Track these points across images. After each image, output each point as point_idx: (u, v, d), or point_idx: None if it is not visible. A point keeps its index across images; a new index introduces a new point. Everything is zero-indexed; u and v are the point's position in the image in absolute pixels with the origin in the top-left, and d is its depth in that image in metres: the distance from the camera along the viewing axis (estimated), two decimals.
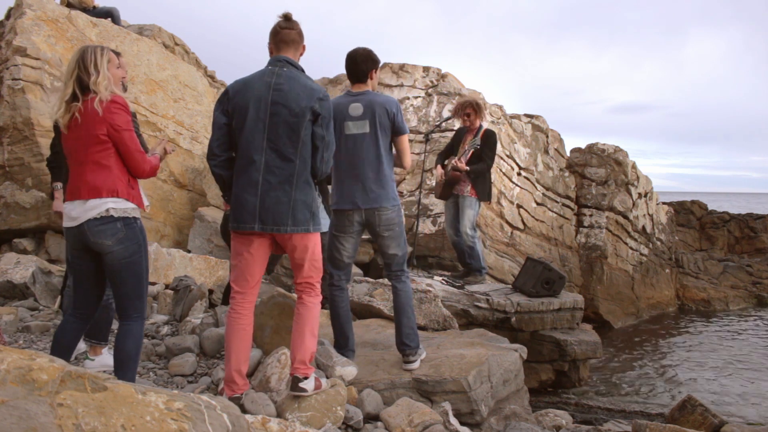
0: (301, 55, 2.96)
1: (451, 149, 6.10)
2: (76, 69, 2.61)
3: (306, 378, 2.85)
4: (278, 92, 2.76)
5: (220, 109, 2.84)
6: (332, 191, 3.56)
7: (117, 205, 2.63)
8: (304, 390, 2.83)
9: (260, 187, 2.76)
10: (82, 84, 2.60)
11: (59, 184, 4.04)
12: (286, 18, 2.89)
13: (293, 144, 2.77)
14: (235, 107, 2.80)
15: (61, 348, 2.85)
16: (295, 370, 2.87)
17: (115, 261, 2.66)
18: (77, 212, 2.63)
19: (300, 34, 2.90)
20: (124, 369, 2.74)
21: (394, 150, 3.57)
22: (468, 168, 5.70)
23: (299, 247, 2.86)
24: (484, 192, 5.90)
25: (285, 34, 2.86)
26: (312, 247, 2.89)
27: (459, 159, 5.72)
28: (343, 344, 3.59)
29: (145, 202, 2.81)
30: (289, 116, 2.75)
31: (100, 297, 2.90)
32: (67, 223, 2.70)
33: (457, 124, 6.41)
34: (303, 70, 2.90)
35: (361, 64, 3.43)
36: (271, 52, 2.93)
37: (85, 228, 2.61)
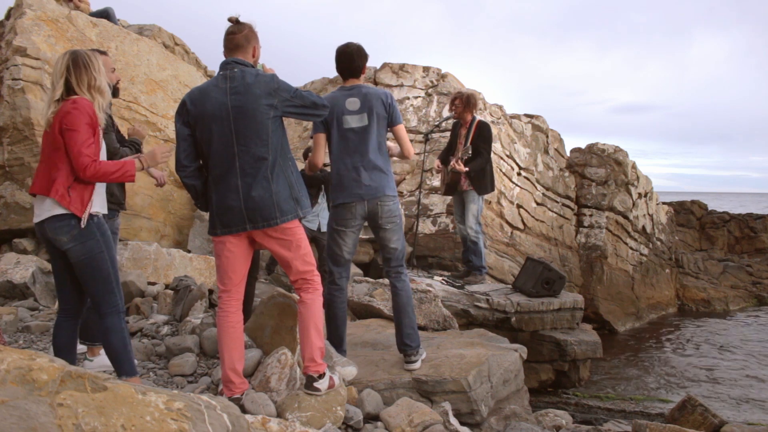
0: (256, 55, 2.92)
1: (450, 147, 6.14)
2: (70, 72, 2.67)
3: (320, 376, 2.88)
4: (235, 95, 2.75)
5: (181, 121, 2.84)
6: (333, 187, 3.55)
7: (56, 209, 2.63)
8: (318, 390, 2.86)
9: (241, 191, 2.78)
10: (69, 86, 2.67)
11: None
12: (233, 22, 2.86)
13: (263, 142, 2.78)
14: (196, 118, 2.80)
15: (60, 349, 2.87)
16: (306, 368, 2.90)
17: (75, 258, 2.68)
18: (37, 209, 2.69)
19: (247, 37, 2.85)
20: (117, 363, 2.78)
21: (389, 143, 3.61)
22: (467, 169, 5.73)
23: (283, 239, 2.85)
24: (483, 186, 5.94)
25: (230, 40, 2.85)
26: (296, 241, 2.89)
27: (457, 161, 5.74)
28: (337, 344, 3.59)
29: (92, 210, 2.71)
30: (252, 116, 2.75)
31: (81, 291, 2.88)
32: (34, 219, 2.75)
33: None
34: (253, 66, 2.88)
35: (356, 60, 3.45)
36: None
37: (44, 225, 2.66)
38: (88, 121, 2.65)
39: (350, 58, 3.43)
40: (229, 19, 2.87)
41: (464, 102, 5.92)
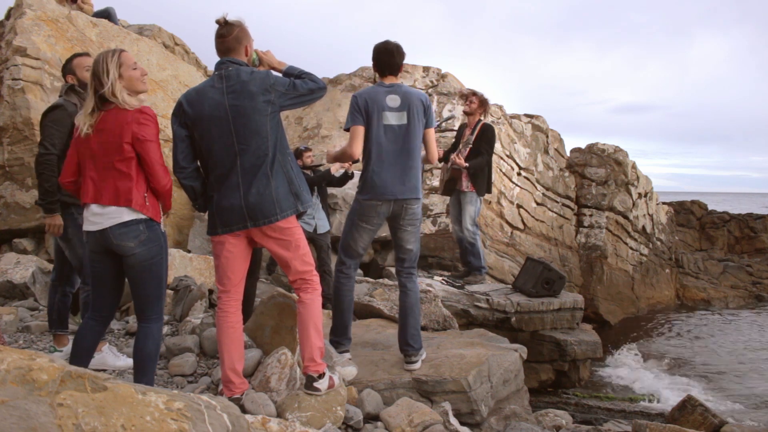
0: (249, 54, 2.89)
1: (454, 148, 6.15)
2: (92, 80, 2.63)
3: (320, 376, 2.88)
4: (233, 94, 2.75)
5: (178, 122, 2.83)
6: (364, 181, 3.52)
7: (132, 215, 2.65)
8: (318, 390, 2.86)
9: (242, 189, 2.78)
10: (99, 94, 2.61)
11: None
12: (221, 24, 2.81)
13: (264, 139, 2.78)
14: (194, 120, 2.78)
15: (83, 350, 2.85)
16: (306, 368, 2.90)
17: (137, 263, 2.68)
18: (98, 218, 2.65)
19: (238, 38, 2.81)
20: (144, 370, 2.76)
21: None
22: (467, 164, 5.74)
23: (281, 239, 2.84)
24: (482, 186, 5.95)
25: (221, 43, 2.82)
26: (295, 241, 2.88)
27: (457, 155, 5.75)
28: (341, 332, 3.60)
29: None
30: (251, 115, 2.75)
31: (118, 299, 2.93)
32: (87, 227, 2.70)
33: (457, 124, 6.44)
34: (248, 65, 2.86)
35: (396, 57, 3.47)
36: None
37: (108, 232, 2.64)
38: (158, 130, 2.70)
39: (390, 55, 3.46)
40: (217, 21, 2.82)
41: (480, 101, 5.95)
